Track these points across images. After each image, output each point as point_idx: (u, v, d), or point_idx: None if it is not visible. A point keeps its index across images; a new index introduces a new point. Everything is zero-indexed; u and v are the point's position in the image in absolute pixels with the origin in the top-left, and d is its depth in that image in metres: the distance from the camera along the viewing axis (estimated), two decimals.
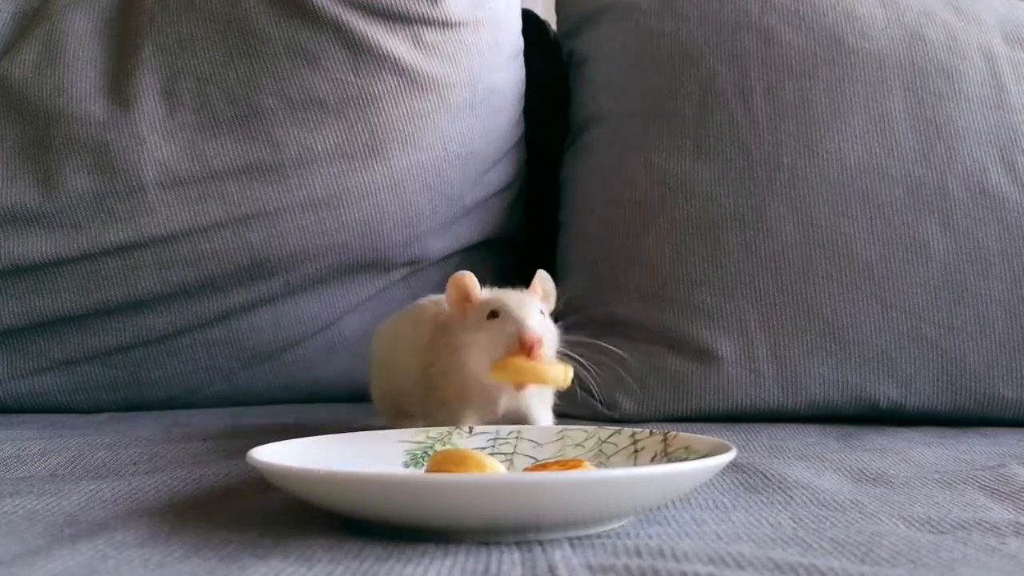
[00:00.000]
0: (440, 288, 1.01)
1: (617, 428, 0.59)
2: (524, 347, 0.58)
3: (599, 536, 0.45)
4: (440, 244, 1.00)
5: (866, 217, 0.88)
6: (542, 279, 0.64)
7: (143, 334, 0.93)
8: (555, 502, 0.42)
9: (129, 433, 0.75)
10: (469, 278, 0.63)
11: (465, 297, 0.64)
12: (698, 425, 0.84)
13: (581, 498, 0.42)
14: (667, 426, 0.56)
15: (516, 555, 0.41)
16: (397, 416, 0.72)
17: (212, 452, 0.66)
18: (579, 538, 0.44)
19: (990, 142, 0.89)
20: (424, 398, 0.67)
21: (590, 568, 0.39)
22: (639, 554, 0.41)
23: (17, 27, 0.97)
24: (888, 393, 0.86)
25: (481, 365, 0.60)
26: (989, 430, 0.83)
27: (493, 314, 0.61)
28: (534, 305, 0.61)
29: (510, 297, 0.62)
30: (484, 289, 0.65)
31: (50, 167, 0.90)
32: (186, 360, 0.95)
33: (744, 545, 0.43)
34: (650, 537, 0.45)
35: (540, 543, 0.43)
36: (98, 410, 0.93)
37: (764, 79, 0.93)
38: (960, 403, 0.87)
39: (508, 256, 1.09)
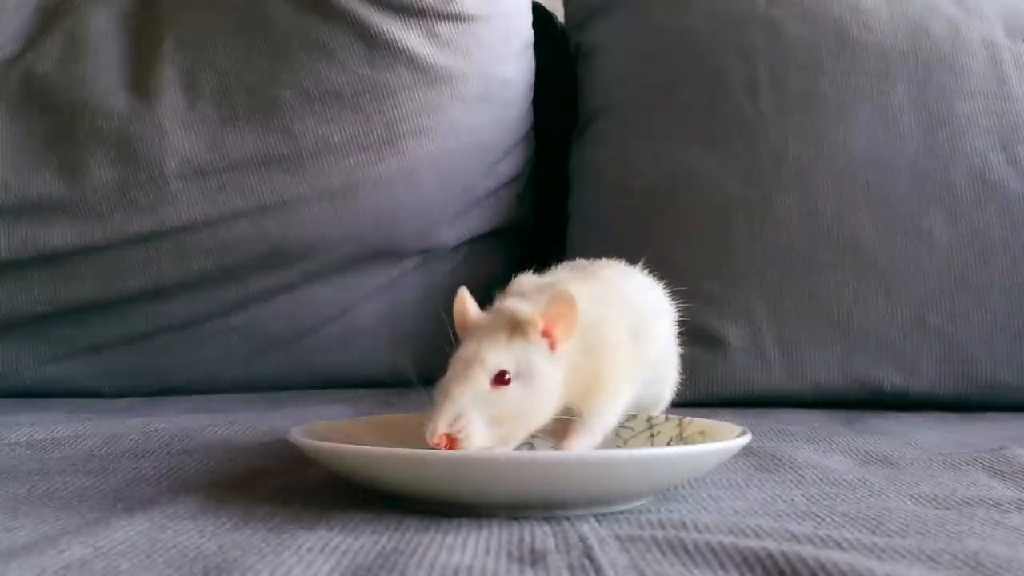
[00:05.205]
0: (451, 279, 1.03)
1: (632, 414, 0.60)
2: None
3: (622, 512, 0.47)
4: (452, 233, 1.02)
5: (871, 207, 0.90)
6: (553, 305, 0.47)
7: (164, 321, 0.95)
8: (586, 479, 0.44)
9: (156, 416, 0.77)
10: (465, 302, 0.50)
11: (463, 321, 0.50)
12: (705, 410, 0.85)
13: (610, 476, 0.44)
14: (677, 411, 0.58)
15: (547, 528, 0.43)
16: None
17: (240, 434, 0.68)
18: (603, 514, 0.46)
19: (992, 133, 0.91)
20: None
21: (618, 539, 0.41)
22: (663, 527, 0.44)
23: (40, 20, 0.99)
24: (892, 379, 0.88)
25: None
26: (991, 414, 0.85)
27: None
28: (477, 378, 0.46)
29: (460, 360, 0.47)
30: (497, 299, 0.51)
31: (74, 158, 0.92)
32: (206, 346, 0.97)
33: (761, 519, 0.46)
34: (671, 512, 0.47)
35: (567, 518, 0.45)
36: (121, 395, 0.95)
37: (770, 72, 0.95)
38: (962, 388, 0.89)
39: (518, 244, 1.11)
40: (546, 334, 0.47)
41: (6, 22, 0.98)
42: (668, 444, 0.56)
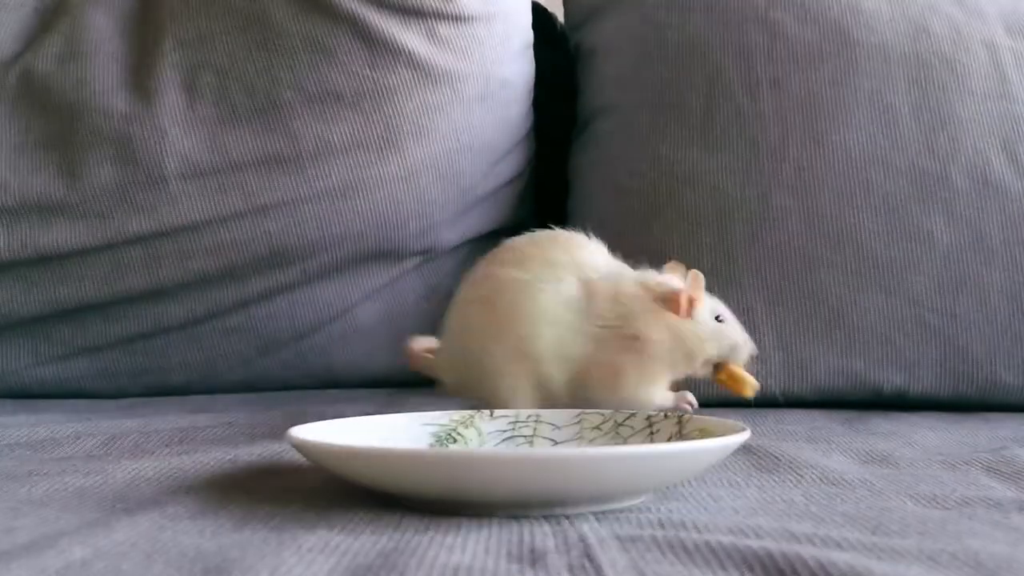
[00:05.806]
0: (451, 279, 1.03)
1: (632, 411, 0.60)
2: (747, 360, 0.72)
3: (621, 511, 0.47)
4: (452, 234, 1.02)
5: (871, 207, 0.90)
6: (697, 280, 0.69)
7: (164, 322, 0.95)
8: (585, 475, 0.44)
9: (155, 417, 0.77)
10: (701, 280, 0.69)
11: (695, 298, 0.69)
12: (705, 410, 0.85)
13: (609, 472, 0.44)
14: (676, 411, 0.58)
15: (547, 527, 0.43)
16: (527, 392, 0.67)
17: (240, 435, 0.68)
18: (603, 513, 0.46)
19: (993, 133, 0.91)
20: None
21: (618, 538, 0.41)
22: (662, 526, 0.44)
23: (40, 20, 0.99)
24: (892, 379, 0.88)
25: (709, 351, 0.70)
26: (990, 415, 0.85)
27: (718, 318, 0.70)
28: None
29: (723, 309, 0.72)
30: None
31: (74, 159, 0.92)
32: (205, 347, 0.97)
33: (760, 518, 0.45)
34: (670, 511, 0.47)
35: (567, 517, 0.45)
36: (120, 395, 0.96)
37: (770, 71, 0.95)
38: (962, 389, 0.89)
39: None
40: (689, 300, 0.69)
41: (6, 22, 0.98)
42: (668, 441, 0.56)
